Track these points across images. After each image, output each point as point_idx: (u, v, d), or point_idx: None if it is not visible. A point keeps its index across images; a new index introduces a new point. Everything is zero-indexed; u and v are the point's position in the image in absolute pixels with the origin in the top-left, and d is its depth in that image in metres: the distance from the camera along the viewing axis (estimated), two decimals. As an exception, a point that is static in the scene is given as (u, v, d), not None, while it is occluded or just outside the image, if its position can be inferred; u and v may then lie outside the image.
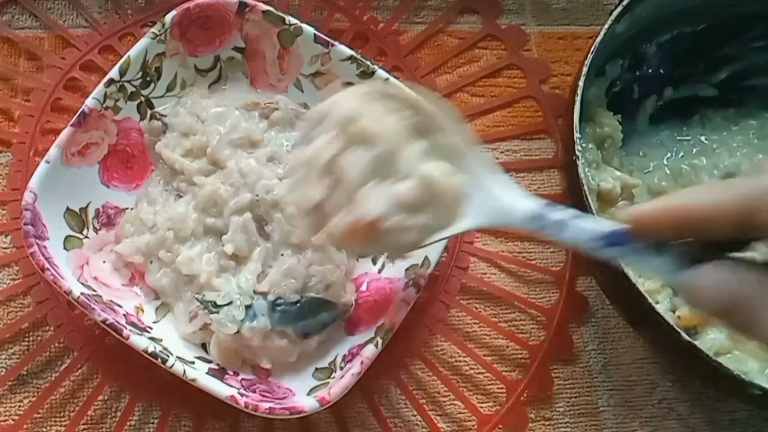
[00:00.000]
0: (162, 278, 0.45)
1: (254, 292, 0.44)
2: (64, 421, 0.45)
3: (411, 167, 0.36)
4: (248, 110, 0.49)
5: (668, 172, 0.53)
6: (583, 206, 0.43)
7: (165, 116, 0.49)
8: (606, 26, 0.47)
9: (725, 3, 0.52)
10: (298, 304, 0.44)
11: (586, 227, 0.30)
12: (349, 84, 0.49)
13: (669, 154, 0.54)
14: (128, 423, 0.45)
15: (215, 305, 0.43)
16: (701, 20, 0.53)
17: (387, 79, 0.48)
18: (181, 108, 0.49)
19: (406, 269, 0.46)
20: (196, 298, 0.44)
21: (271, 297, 0.44)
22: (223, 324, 0.43)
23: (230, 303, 0.43)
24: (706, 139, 0.55)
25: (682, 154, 0.54)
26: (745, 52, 0.54)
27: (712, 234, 0.28)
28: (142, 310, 0.45)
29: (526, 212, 0.33)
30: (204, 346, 0.45)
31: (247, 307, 0.43)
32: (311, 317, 0.44)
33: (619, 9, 0.47)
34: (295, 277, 0.44)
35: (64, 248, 0.45)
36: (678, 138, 0.55)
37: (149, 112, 0.49)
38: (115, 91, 0.47)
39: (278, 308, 0.44)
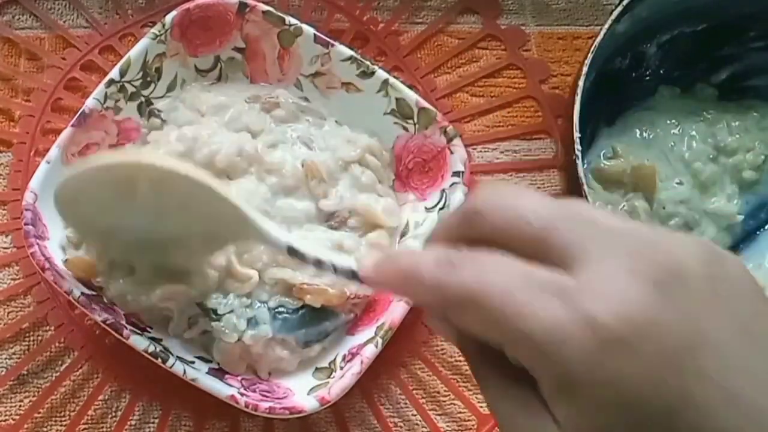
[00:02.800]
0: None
1: (253, 297, 0.44)
2: (65, 420, 0.45)
3: None
4: (249, 102, 0.49)
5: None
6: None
7: (162, 111, 0.49)
8: (606, 26, 0.47)
9: (725, 3, 0.52)
10: (300, 312, 0.44)
11: (338, 266, 0.33)
12: (348, 84, 0.50)
13: (672, 143, 0.54)
14: (128, 423, 0.46)
15: (216, 313, 0.43)
16: (701, 20, 0.53)
17: (386, 79, 0.48)
18: (180, 103, 0.49)
19: (406, 269, 0.46)
20: (197, 305, 0.43)
21: (272, 304, 0.44)
22: (223, 332, 0.43)
23: (231, 311, 0.43)
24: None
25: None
26: (745, 52, 0.55)
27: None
28: (143, 310, 0.45)
29: (285, 244, 0.36)
30: (204, 347, 0.45)
31: (249, 319, 0.43)
32: (312, 326, 0.44)
33: (620, 9, 0.47)
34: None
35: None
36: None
37: (148, 109, 0.49)
38: (115, 91, 0.47)
39: (279, 316, 0.44)
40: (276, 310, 0.44)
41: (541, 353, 0.24)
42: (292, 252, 0.35)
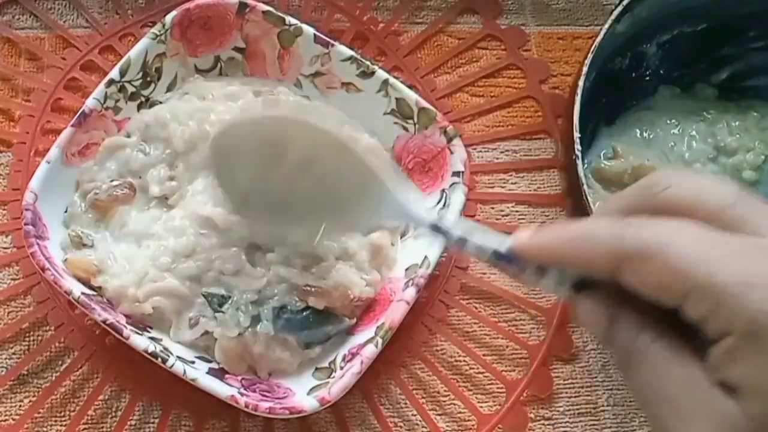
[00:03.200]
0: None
1: (260, 295, 0.44)
2: (65, 420, 0.45)
3: None
4: (255, 96, 0.49)
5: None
6: (583, 206, 0.43)
7: (164, 103, 0.48)
8: (606, 26, 0.47)
9: (725, 3, 0.52)
10: (304, 314, 0.44)
11: (483, 244, 0.33)
12: (348, 84, 0.50)
13: (672, 143, 0.54)
14: (128, 423, 0.46)
15: (220, 305, 0.43)
16: (701, 20, 0.53)
17: (386, 79, 0.48)
18: (186, 94, 0.48)
19: (406, 269, 0.46)
20: (202, 294, 0.43)
21: (276, 303, 0.44)
22: (226, 325, 0.43)
23: (237, 308, 0.43)
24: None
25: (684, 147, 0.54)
26: (745, 52, 0.55)
27: (593, 274, 0.29)
28: (143, 310, 0.45)
29: (430, 221, 0.36)
30: (205, 347, 0.45)
31: (253, 317, 0.43)
32: (315, 328, 0.44)
33: (620, 9, 0.48)
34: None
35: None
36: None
37: (149, 102, 0.49)
38: (115, 91, 0.47)
39: (283, 315, 0.44)
40: (280, 309, 0.44)
41: (731, 299, 0.24)
42: (435, 228, 0.35)
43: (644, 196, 0.28)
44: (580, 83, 0.45)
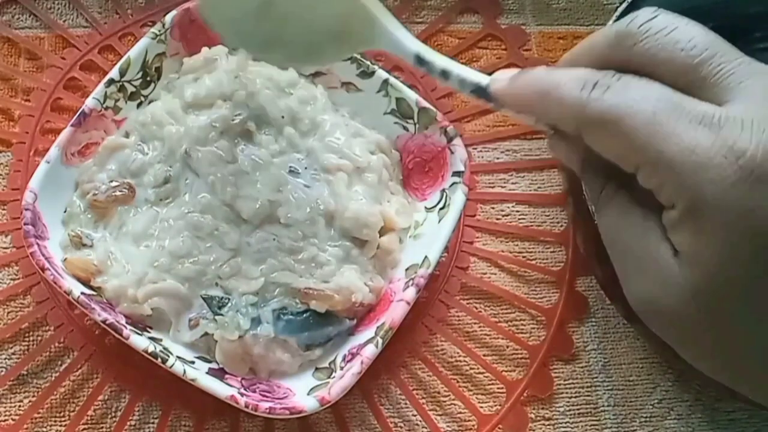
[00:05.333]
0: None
1: (259, 297, 0.44)
2: (64, 421, 0.45)
3: None
4: None
5: None
6: (583, 204, 0.43)
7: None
8: (611, 21, 0.47)
9: (731, 3, 0.51)
10: (304, 315, 0.44)
11: (465, 78, 0.34)
12: (348, 84, 0.50)
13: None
14: (128, 423, 0.45)
15: (220, 308, 0.43)
16: (705, 20, 0.51)
17: (387, 79, 0.48)
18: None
19: (406, 269, 0.46)
20: (201, 296, 0.43)
21: (276, 305, 0.44)
22: (225, 328, 0.43)
23: (237, 310, 0.43)
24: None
25: None
26: (750, 53, 0.54)
27: (561, 128, 0.29)
28: (142, 310, 0.45)
29: (413, 52, 0.37)
30: (205, 348, 0.45)
31: (253, 319, 0.43)
32: (316, 329, 0.44)
33: (624, 5, 0.48)
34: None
35: (64, 248, 0.45)
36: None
37: (149, 101, 0.48)
38: (115, 91, 0.47)
39: (283, 317, 0.44)
40: (280, 310, 0.44)
41: (678, 177, 0.25)
42: (420, 61, 0.36)
43: (616, 48, 0.28)
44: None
